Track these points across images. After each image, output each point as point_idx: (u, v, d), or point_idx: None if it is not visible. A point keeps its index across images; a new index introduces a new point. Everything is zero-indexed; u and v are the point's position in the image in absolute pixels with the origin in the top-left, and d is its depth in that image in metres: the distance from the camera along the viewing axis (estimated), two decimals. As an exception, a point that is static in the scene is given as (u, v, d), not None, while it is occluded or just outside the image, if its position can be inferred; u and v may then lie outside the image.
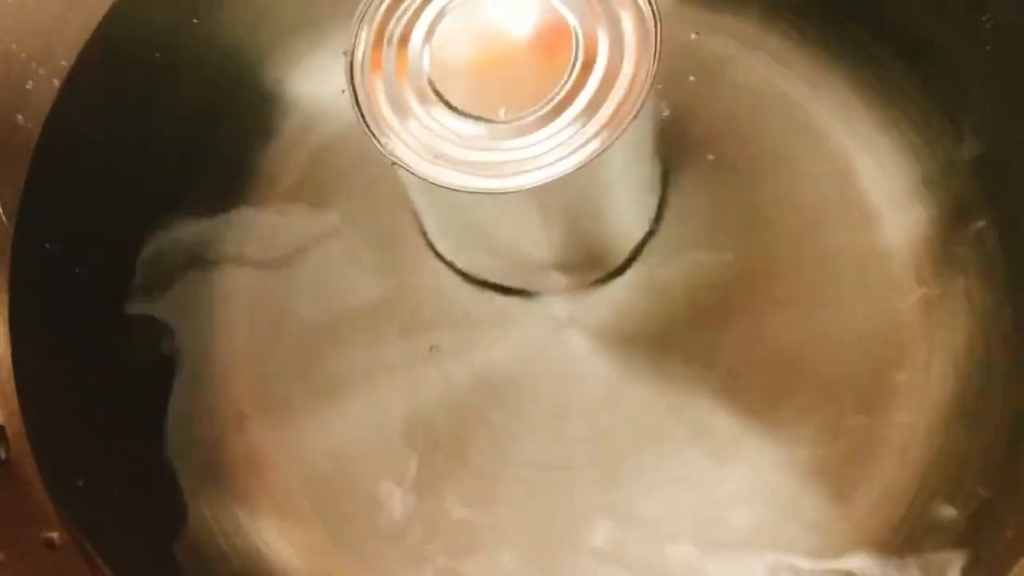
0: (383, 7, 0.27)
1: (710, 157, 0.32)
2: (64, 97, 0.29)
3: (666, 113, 0.31)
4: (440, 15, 0.27)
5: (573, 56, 0.26)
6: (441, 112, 0.26)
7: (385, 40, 0.27)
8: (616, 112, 0.25)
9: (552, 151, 0.25)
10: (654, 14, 0.26)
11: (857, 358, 0.30)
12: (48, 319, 0.28)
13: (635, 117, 0.25)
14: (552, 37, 0.26)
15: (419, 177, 0.26)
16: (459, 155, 0.26)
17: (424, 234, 0.33)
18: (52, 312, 0.28)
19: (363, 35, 0.27)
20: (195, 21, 0.32)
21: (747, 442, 0.30)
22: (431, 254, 0.33)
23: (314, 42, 0.35)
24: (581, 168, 0.25)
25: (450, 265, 0.33)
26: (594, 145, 0.25)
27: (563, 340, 0.32)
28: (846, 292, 0.30)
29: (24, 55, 0.28)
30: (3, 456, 0.24)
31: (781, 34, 0.33)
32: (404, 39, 0.27)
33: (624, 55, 0.26)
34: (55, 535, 0.25)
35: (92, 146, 0.31)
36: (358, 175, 0.34)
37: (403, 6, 0.27)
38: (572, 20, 0.26)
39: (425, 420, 0.31)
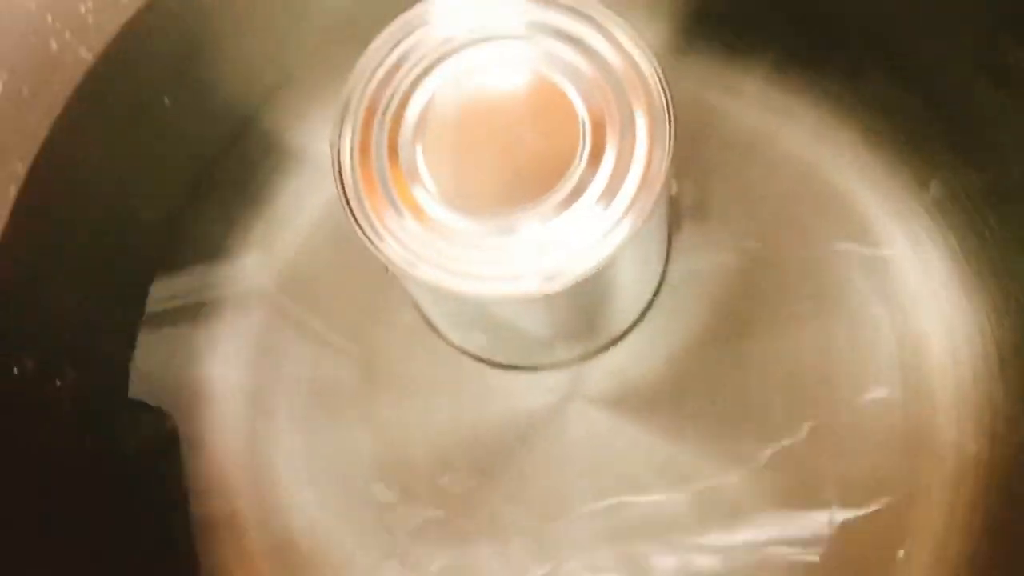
0: (371, 89, 0.25)
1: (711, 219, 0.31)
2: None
3: (675, 191, 0.29)
4: (431, 102, 0.25)
5: (580, 143, 0.24)
6: (438, 209, 0.24)
7: (374, 130, 0.25)
8: (631, 204, 0.23)
9: (563, 249, 0.23)
10: (664, 96, 0.24)
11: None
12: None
13: (650, 215, 0.23)
14: (555, 122, 0.24)
15: (418, 281, 0.24)
16: (458, 255, 0.24)
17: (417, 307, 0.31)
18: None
19: (349, 124, 0.25)
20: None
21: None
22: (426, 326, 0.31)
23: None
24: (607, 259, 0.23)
25: (444, 338, 0.31)
26: (611, 241, 0.23)
27: (566, 412, 0.31)
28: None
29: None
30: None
31: (788, 90, 0.32)
32: (394, 128, 0.24)
33: (635, 141, 0.24)
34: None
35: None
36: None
37: (391, 88, 0.25)
38: (579, 104, 0.24)
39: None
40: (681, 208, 0.31)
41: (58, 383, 0.27)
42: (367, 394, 0.31)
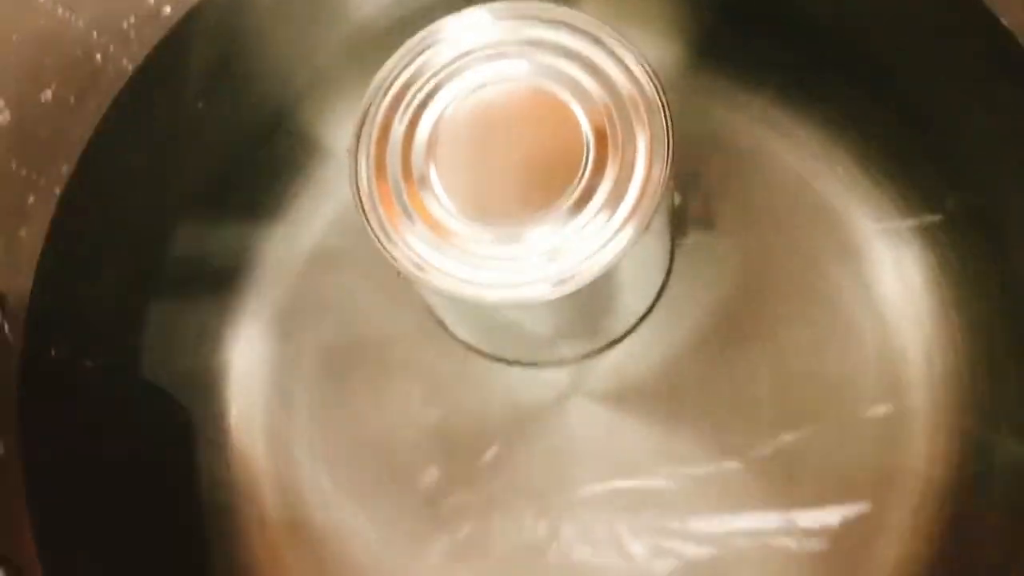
0: (386, 103, 0.27)
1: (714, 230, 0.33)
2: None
3: (678, 202, 0.31)
4: (442, 116, 0.27)
5: (584, 155, 0.26)
6: (448, 218, 0.26)
7: (389, 142, 0.27)
8: (633, 212, 0.25)
9: (568, 256, 0.25)
10: (665, 111, 0.26)
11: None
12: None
13: (650, 223, 0.25)
14: (560, 135, 0.26)
15: (428, 287, 0.26)
16: (467, 262, 0.26)
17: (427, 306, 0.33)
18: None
19: (366, 137, 0.27)
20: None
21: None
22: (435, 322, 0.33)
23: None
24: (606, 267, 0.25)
25: (452, 335, 0.33)
26: (613, 247, 0.25)
27: (566, 407, 0.32)
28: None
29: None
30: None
31: (789, 112, 0.34)
32: (408, 141, 0.26)
33: (636, 153, 0.26)
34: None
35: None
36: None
37: (404, 103, 0.27)
38: (581, 118, 0.26)
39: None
40: (687, 218, 0.33)
41: (88, 364, 0.30)
42: (378, 382, 0.33)
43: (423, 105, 0.27)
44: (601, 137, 0.26)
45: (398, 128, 0.27)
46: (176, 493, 0.32)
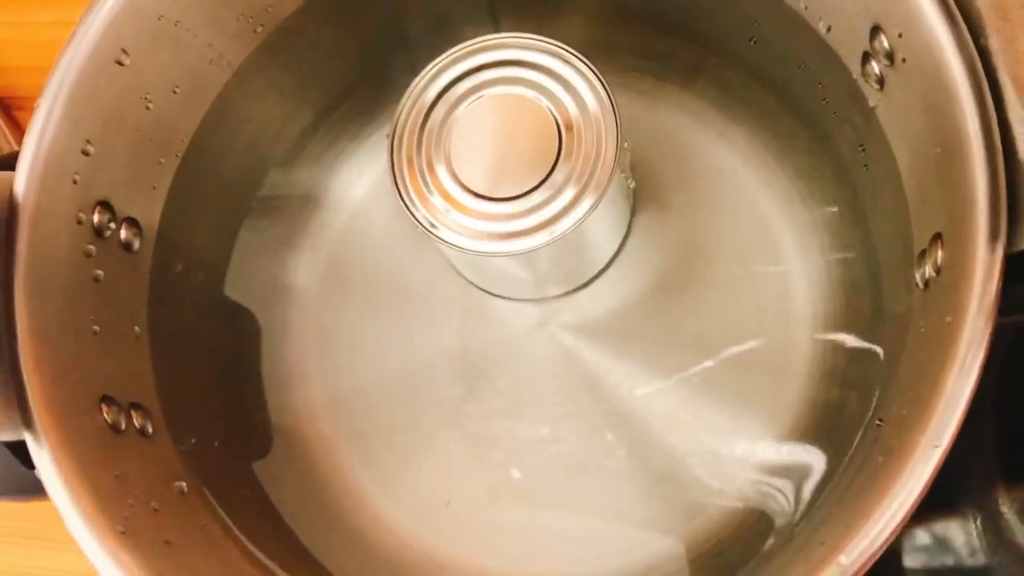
0: (416, 106, 0.36)
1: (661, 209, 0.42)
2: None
3: (632, 185, 0.40)
4: (453, 123, 0.36)
5: (557, 144, 0.35)
6: (457, 190, 0.35)
7: (416, 134, 0.36)
8: (594, 184, 0.35)
9: (546, 218, 0.35)
10: (613, 107, 0.35)
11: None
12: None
13: (606, 190, 0.35)
14: (539, 130, 0.35)
15: (442, 242, 0.35)
16: (471, 223, 0.35)
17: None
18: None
19: (400, 126, 0.36)
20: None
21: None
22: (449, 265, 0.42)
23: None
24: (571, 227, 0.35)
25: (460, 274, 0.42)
26: (579, 211, 0.35)
27: (542, 333, 0.42)
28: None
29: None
30: (148, 430, 0.35)
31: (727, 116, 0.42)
32: (430, 130, 0.36)
33: (595, 141, 0.35)
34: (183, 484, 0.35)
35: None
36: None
37: (428, 106, 0.36)
38: (552, 110, 0.35)
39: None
40: (639, 198, 0.42)
41: (178, 268, 0.39)
42: (403, 309, 0.43)
43: (440, 107, 0.36)
44: (569, 131, 0.35)
45: (422, 124, 0.36)
46: (247, 374, 0.42)
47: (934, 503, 0.39)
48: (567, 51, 0.36)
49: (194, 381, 0.38)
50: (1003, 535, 0.36)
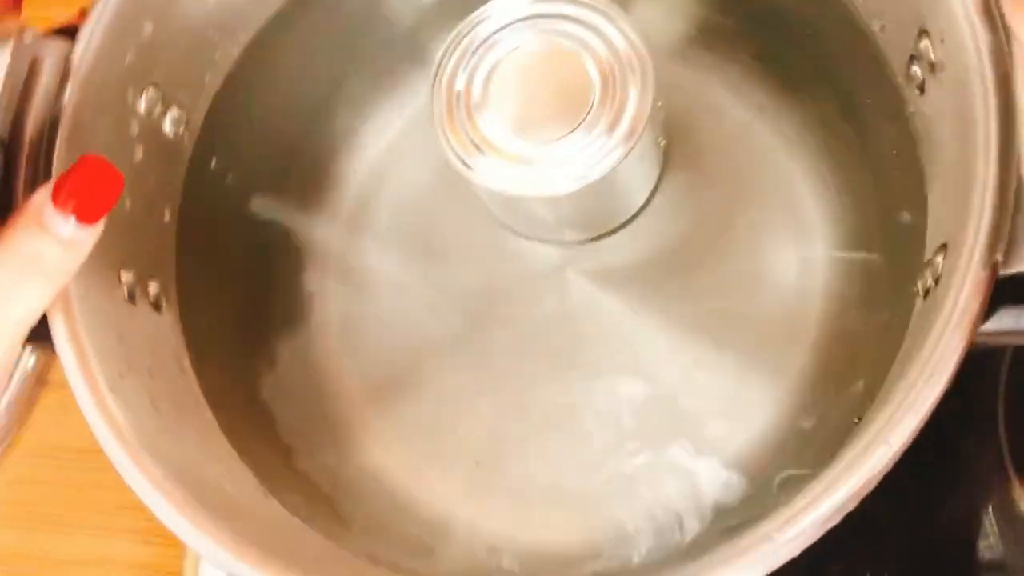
0: (455, 55, 0.37)
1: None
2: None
3: (663, 143, 0.41)
4: (495, 67, 0.37)
5: (592, 93, 0.36)
6: (502, 139, 0.36)
7: (456, 83, 0.37)
8: (626, 134, 0.35)
9: (578, 164, 0.36)
10: (650, 62, 0.36)
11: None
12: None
13: (637, 141, 0.35)
14: (574, 79, 0.36)
15: (474, 181, 0.36)
16: (503, 165, 0.36)
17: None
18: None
19: (441, 71, 0.37)
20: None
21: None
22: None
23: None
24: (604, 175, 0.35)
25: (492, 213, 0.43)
26: (609, 160, 0.35)
27: (562, 276, 0.42)
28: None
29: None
30: (162, 305, 0.36)
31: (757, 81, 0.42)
32: (469, 84, 0.37)
33: (628, 92, 0.36)
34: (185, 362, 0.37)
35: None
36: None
37: (468, 55, 0.37)
38: (590, 63, 0.36)
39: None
40: (671, 160, 0.43)
41: (214, 165, 0.40)
42: (427, 243, 0.44)
43: (479, 59, 0.37)
44: (604, 81, 0.36)
45: (463, 74, 0.37)
46: (265, 286, 0.43)
47: (950, 495, 0.40)
48: (609, 7, 0.37)
49: (214, 278, 0.40)
50: (1018, 529, 0.37)
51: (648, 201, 0.42)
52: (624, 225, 0.42)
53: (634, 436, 0.40)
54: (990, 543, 0.37)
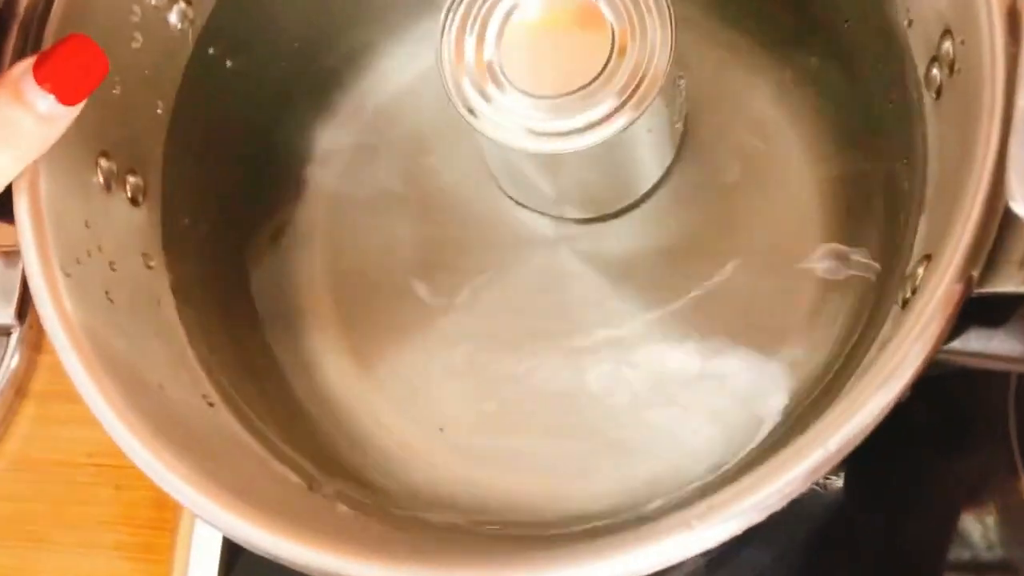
0: (463, 4, 0.36)
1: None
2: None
3: (680, 129, 0.40)
4: (509, 13, 0.36)
5: (610, 48, 0.35)
6: (510, 91, 0.35)
7: (467, 31, 0.36)
8: (642, 93, 0.34)
9: (586, 123, 0.34)
10: (670, 16, 0.35)
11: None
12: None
13: (647, 107, 0.34)
14: (593, 31, 0.35)
15: (490, 138, 0.35)
16: (509, 117, 0.35)
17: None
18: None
19: (451, 23, 0.36)
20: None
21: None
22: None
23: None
24: (616, 134, 0.34)
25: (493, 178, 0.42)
26: (623, 117, 0.34)
27: (555, 250, 0.42)
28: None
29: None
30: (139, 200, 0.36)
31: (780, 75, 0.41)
32: (482, 31, 0.36)
33: (647, 49, 0.34)
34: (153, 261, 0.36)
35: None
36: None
37: (477, 5, 0.36)
38: (609, 16, 0.35)
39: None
40: (685, 151, 0.42)
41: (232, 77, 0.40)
42: (424, 202, 0.43)
43: (491, 8, 0.36)
44: (623, 36, 0.34)
45: (472, 23, 0.36)
46: (254, 210, 0.43)
47: (953, 496, 0.39)
48: None
49: (203, 180, 0.39)
50: (1020, 529, 0.36)
51: (655, 188, 0.41)
52: (625, 210, 0.41)
53: (600, 414, 0.40)
54: (992, 544, 0.37)
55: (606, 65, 0.35)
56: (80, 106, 0.29)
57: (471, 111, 0.36)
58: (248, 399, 0.36)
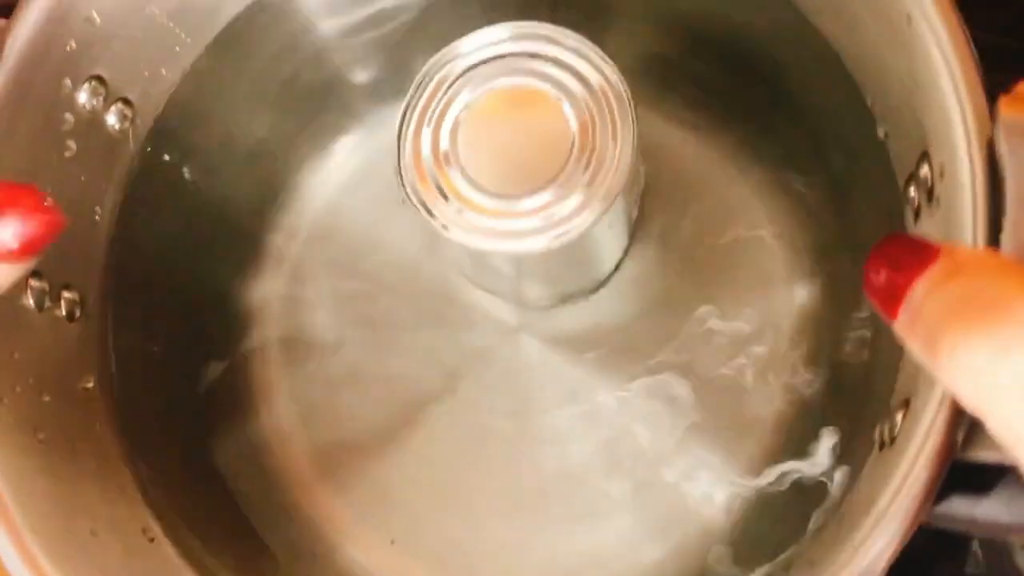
0: (421, 101, 0.34)
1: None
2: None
3: (635, 215, 0.39)
4: (462, 112, 0.34)
5: (570, 142, 0.33)
6: (465, 187, 0.33)
7: (423, 131, 0.34)
8: (606, 190, 0.33)
9: (548, 222, 0.33)
10: (631, 108, 0.33)
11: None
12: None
13: (615, 201, 0.32)
14: (554, 127, 0.33)
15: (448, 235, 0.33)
16: (478, 222, 0.33)
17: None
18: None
19: (407, 126, 0.34)
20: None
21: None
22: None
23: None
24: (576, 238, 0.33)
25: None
26: (587, 215, 0.33)
27: (516, 338, 0.41)
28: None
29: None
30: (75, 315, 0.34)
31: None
32: (438, 128, 0.34)
33: (609, 142, 0.33)
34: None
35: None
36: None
37: (435, 101, 0.34)
38: (569, 112, 0.33)
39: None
40: (642, 230, 0.40)
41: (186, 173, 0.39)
42: (378, 281, 0.42)
43: (448, 103, 0.34)
44: (584, 129, 0.33)
45: (430, 120, 0.34)
46: (209, 301, 0.41)
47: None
48: (583, 42, 0.34)
49: (151, 292, 0.38)
50: (1003, 558, 0.35)
51: (614, 272, 0.40)
52: (588, 294, 0.40)
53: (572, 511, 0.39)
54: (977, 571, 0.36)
55: (567, 162, 0.33)
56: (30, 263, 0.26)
57: (431, 213, 0.34)
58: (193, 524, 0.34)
